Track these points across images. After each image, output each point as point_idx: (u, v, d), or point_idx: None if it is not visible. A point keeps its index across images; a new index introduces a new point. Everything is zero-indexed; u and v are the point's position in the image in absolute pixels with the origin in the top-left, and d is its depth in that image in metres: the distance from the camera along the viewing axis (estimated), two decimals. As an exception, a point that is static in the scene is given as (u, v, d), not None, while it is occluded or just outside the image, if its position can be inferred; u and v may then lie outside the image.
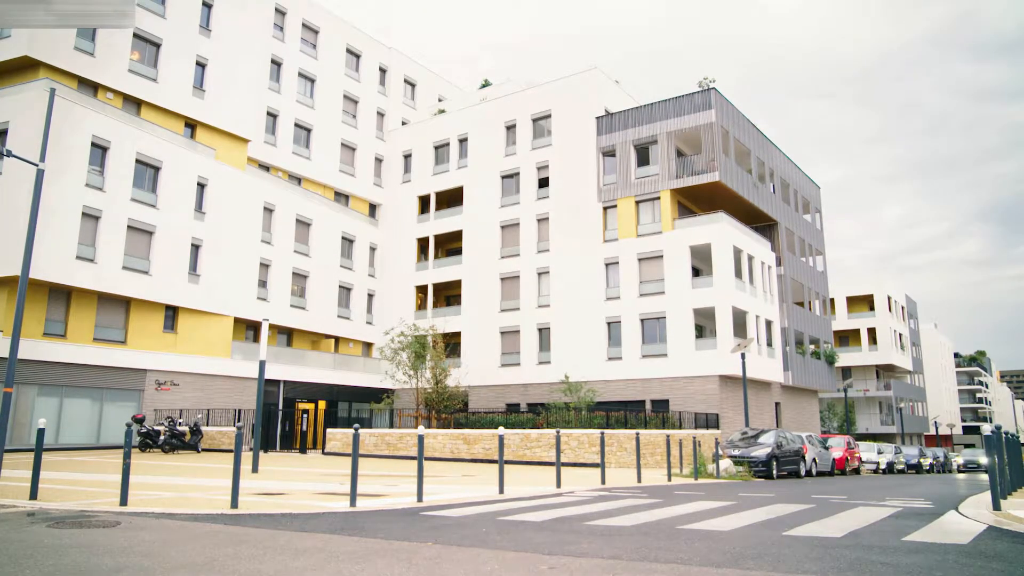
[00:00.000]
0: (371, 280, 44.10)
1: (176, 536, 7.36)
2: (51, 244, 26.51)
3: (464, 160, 43.38)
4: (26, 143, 25.56)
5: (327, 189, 43.37)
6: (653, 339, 35.11)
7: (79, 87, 30.11)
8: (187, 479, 14.88)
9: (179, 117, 33.93)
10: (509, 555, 6.44)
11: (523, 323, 38.89)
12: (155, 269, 30.89)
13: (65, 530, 7.54)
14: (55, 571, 5.42)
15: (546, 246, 38.97)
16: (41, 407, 27.13)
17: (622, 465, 22.78)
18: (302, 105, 41.67)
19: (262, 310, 34.77)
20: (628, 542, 7.31)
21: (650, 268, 35.68)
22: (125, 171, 30.07)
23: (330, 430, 29.63)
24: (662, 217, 35.78)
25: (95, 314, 29.43)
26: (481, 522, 8.81)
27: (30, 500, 9.97)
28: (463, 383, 35.56)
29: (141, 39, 32.25)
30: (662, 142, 36.39)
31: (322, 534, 7.58)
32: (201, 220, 33.26)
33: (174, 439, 26.62)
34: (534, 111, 40.75)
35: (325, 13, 43.93)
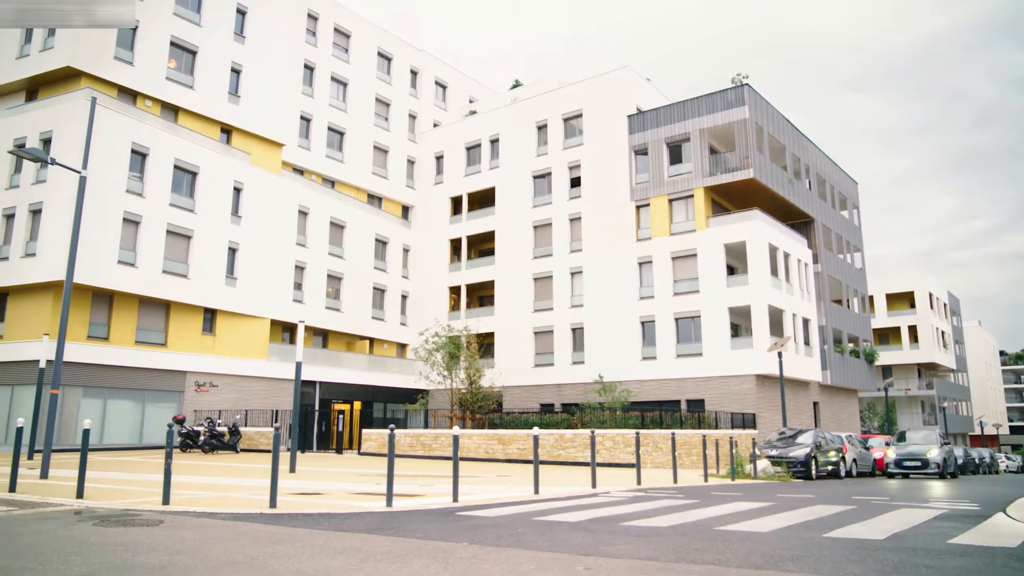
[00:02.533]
0: (404, 281, 44.38)
1: (217, 535, 7.48)
2: (94, 249, 27.13)
3: (496, 161, 43.46)
4: (69, 151, 26.23)
5: (360, 192, 43.76)
6: (688, 338, 34.81)
7: (119, 95, 30.79)
8: (226, 479, 15.11)
9: (215, 123, 34.50)
10: (545, 555, 6.42)
11: (556, 323, 38.84)
12: (193, 273, 31.45)
13: (110, 528, 7.71)
14: (102, 568, 5.54)
15: (579, 246, 38.87)
16: (86, 408, 27.78)
17: (657, 465, 22.62)
18: (335, 109, 42.11)
19: (298, 312, 35.19)
20: (665, 543, 7.25)
21: (684, 267, 35.38)
22: (164, 177, 30.67)
23: (365, 431, 29.88)
24: (696, 215, 35.46)
25: (136, 317, 30.06)
26: (517, 522, 8.81)
27: (77, 499, 10.21)
28: (497, 383, 35.60)
29: (178, 47, 32.86)
30: (695, 139, 36.07)
31: (359, 534, 7.64)
32: (237, 224, 33.78)
33: (214, 439, 27.06)
34: (565, 110, 40.68)
35: (356, 17, 44.33)
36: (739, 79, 36.39)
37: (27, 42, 30.77)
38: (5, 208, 29.15)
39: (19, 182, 29.20)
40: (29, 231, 28.22)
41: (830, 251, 42.89)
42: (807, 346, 37.29)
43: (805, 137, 42.20)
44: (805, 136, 42.28)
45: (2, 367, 27.93)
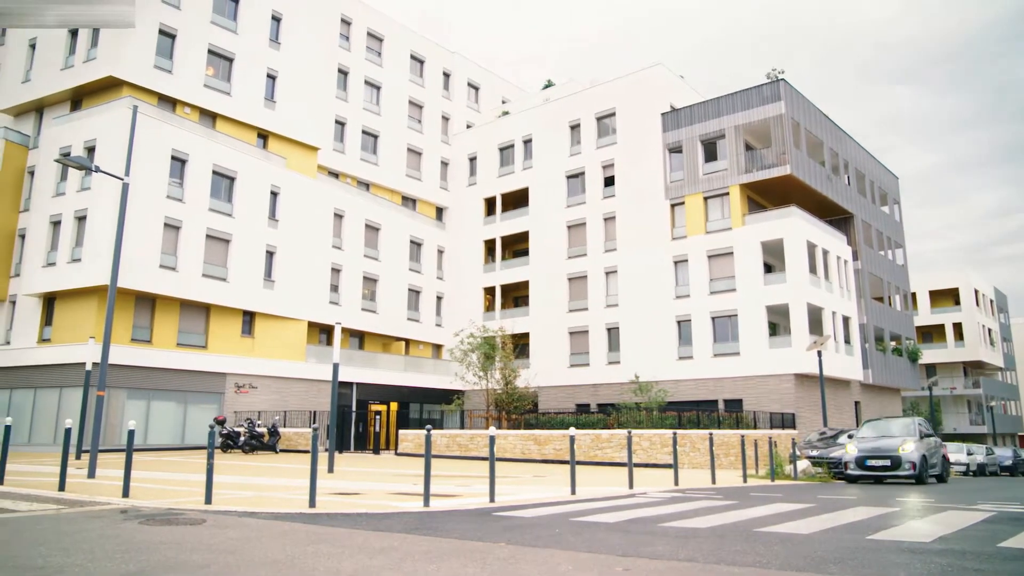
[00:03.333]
0: (439, 283, 44.61)
1: (258, 534, 7.58)
2: (136, 254, 27.73)
3: (529, 161, 43.47)
4: (112, 158, 26.86)
5: (394, 194, 44.10)
6: (725, 338, 34.43)
7: (159, 103, 31.44)
8: (266, 479, 15.32)
9: (252, 128, 35.04)
10: (583, 556, 6.40)
11: (591, 323, 38.70)
12: (232, 276, 31.97)
13: (155, 527, 7.87)
14: (148, 566, 5.65)
15: (613, 245, 38.68)
16: (131, 409, 28.42)
17: (695, 466, 22.40)
18: (369, 112, 42.49)
19: (334, 314, 35.57)
20: (703, 544, 7.17)
21: (720, 265, 35.01)
22: (203, 182, 31.24)
23: (402, 431, 30.09)
24: (731, 213, 35.06)
25: (178, 320, 30.66)
26: (554, 523, 8.79)
27: (123, 498, 10.43)
28: (532, 384, 35.60)
29: (215, 55, 33.45)
30: (730, 136, 35.67)
31: (397, 533, 7.69)
32: (275, 227, 34.26)
33: (253, 440, 27.47)
34: (598, 109, 40.52)
35: (389, 21, 44.69)
36: (774, 74, 35.90)
37: (71, 53, 31.59)
38: (52, 215, 29.96)
39: (65, 190, 29.99)
40: (75, 237, 28.96)
41: (870, 247, 42.08)
42: (847, 345, 36.64)
43: (843, 132, 41.46)
44: (843, 131, 41.54)
45: (51, 370, 28.69)
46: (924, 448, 18.33)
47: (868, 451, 18.28)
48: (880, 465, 17.95)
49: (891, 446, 18.18)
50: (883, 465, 17.92)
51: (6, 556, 6.02)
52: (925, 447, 18.43)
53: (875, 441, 18.71)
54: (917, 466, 17.68)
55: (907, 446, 17.94)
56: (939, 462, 19.41)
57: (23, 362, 29.81)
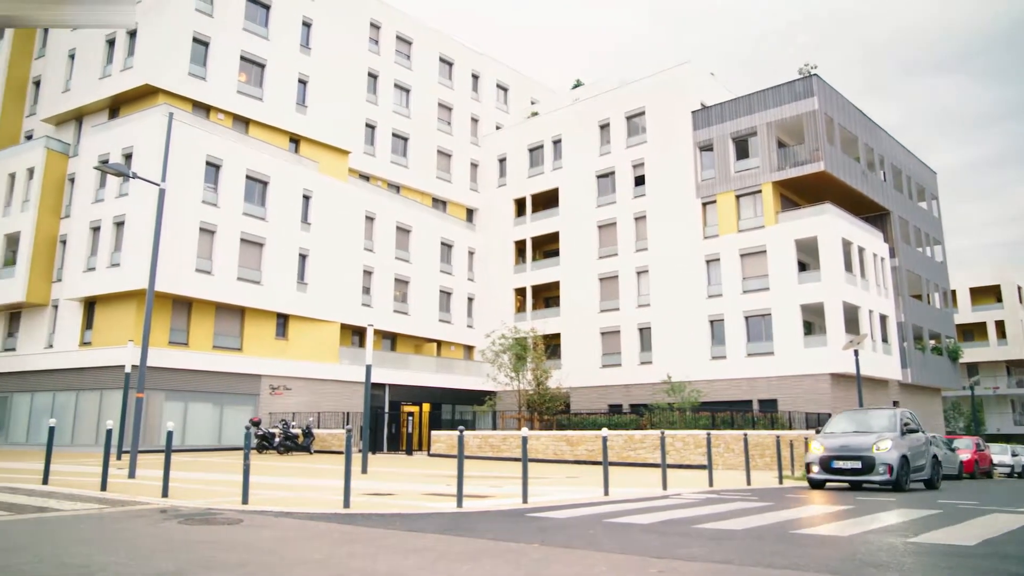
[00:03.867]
0: (470, 284, 44.73)
1: (294, 534, 7.66)
2: (173, 258, 28.22)
3: (559, 161, 43.41)
4: (149, 165, 27.38)
5: (425, 196, 44.33)
6: (759, 337, 34.03)
7: (193, 110, 31.97)
8: (301, 479, 15.49)
9: (284, 133, 35.47)
10: (617, 557, 6.36)
11: (623, 323, 38.52)
12: (266, 279, 32.39)
13: (194, 526, 7.99)
14: (187, 564, 5.74)
15: (644, 245, 38.46)
16: (169, 411, 28.93)
17: (729, 467, 22.17)
18: (398, 115, 42.78)
19: (366, 316, 35.84)
20: (739, 546, 7.09)
21: (753, 264, 34.61)
22: (236, 187, 31.70)
23: (435, 432, 30.21)
24: (764, 211, 34.65)
25: (214, 323, 31.14)
26: (587, 524, 8.75)
27: (162, 498, 10.62)
28: (564, 384, 35.49)
29: (248, 61, 33.93)
30: (762, 133, 35.25)
31: (431, 534, 7.72)
32: (307, 231, 34.64)
33: (288, 441, 27.79)
34: (628, 109, 40.32)
35: (418, 24, 44.96)
36: (807, 69, 35.42)
37: (109, 63, 32.27)
38: (92, 221, 30.63)
39: (104, 196, 30.64)
40: (114, 242, 29.58)
41: (908, 244, 41.29)
42: (885, 343, 35.99)
43: (878, 127, 40.74)
44: (878, 126, 40.82)
45: (92, 372, 29.33)
46: (906, 446, 14.80)
47: (835, 450, 14.75)
48: (849, 468, 14.48)
49: (863, 444, 14.60)
50: (853, 468, 14.44)
51: (52, 554, 6.15)
52: (908, 445, 14.93)
53: (845, 437, 15.26)
54: (895, 469, 14.12)
55: (883, 444, 14.35)
56: (928, 464, 16.03)
57: (65, 365, 30.52)
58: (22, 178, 33.63)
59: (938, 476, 16.72)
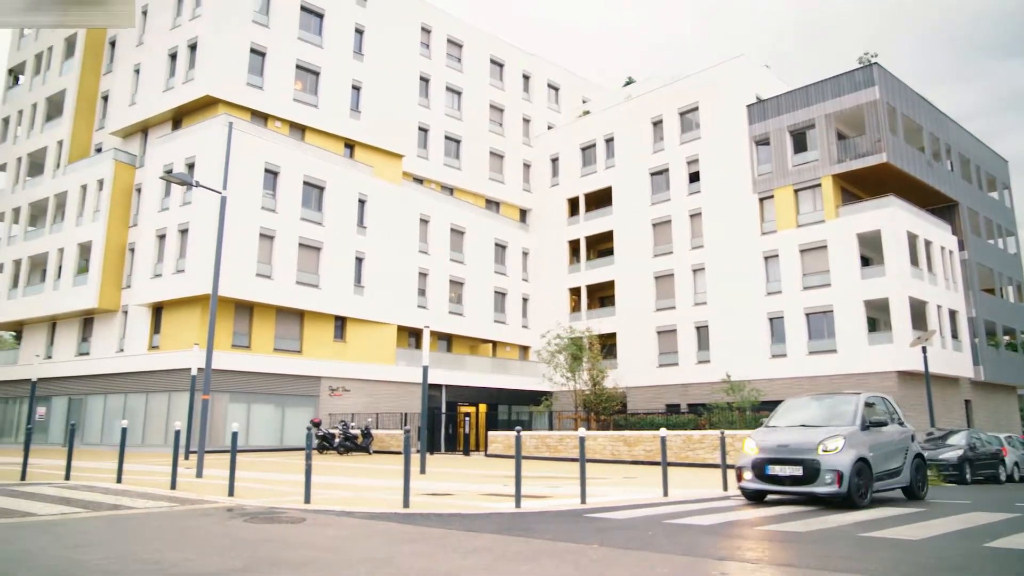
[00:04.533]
0: (525, 284, 44.77)
1: (355, 533, 7.78)
2: (235, 264, 28.96)
3: (611, 160, 43.13)
4: (211, 173, 28.18)
5: (478, 197, 44.55)
6: (820, 334, 33.20)
7: (252, 119, 32.77)
8: (361, 479, 15.73)
9: (339, 139, 36.08)
10: (678, 559, 6.27)
11: (679, 322, 38.03)
12: (324, 282, 32.99)
13: (259, 525, 8.19)
14: (253, 562, 5.88)
15: (700, 242, 37.90)
16: (233, 412, 29.72)
17: (792, 467, 21.65)
18: (450, 118, 43.10)
19: (422, 317, 36.20)
20: (804, 548, 6.92)
21: (813, 259, 33.78)
22: (294, 193, 32.37)
23: (491, 433, 30.32)
24: (824, 205, 33.79)
25: (274, 326, 31.87)
26: (647, 524, 8.66)
27: (228, 497, 10.91)
28: (621, 384, 35.21)
29: (303, 69, 34.62)
30: (820, 125, 34.37)
31: (490, 534, 7.74)
32: (363, 234, 35.17)
33: (348, 441, 28.24)
34: (681, 105, 39.80)
35: (468, 27, 45.21)
36: (867, 58, 34.42)
37: (171, 75, 33.32)
38: (158, 229, 31.69)
39: (169, 205, 31.66)
40: (179, 249, 30.53)
41: (978, 236, 39.73)
42: (955, 340, 34.70)
43: (944, 115, 39.31)
44: (944, 114, 39.39)
45: (160, 375, 30.34)
46: (866, 445, 11.04)
47: (772, 450, 11.18)
48: (788, 475, 10.85)
49: (807, 443, 10.92)
50: (792, 475, 10.81)
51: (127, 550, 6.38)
52: (869, 444, 11.17)
53: (788, 433, 11.59)
54: (845, 477, 10.36)
55: (831, 443, 10.68)
56: (906, 467, 12.16)
57: (135, 368, 31.63)
58: (93, 189, 35.00)
59: (922, 482, 12.63)
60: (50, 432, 34.99)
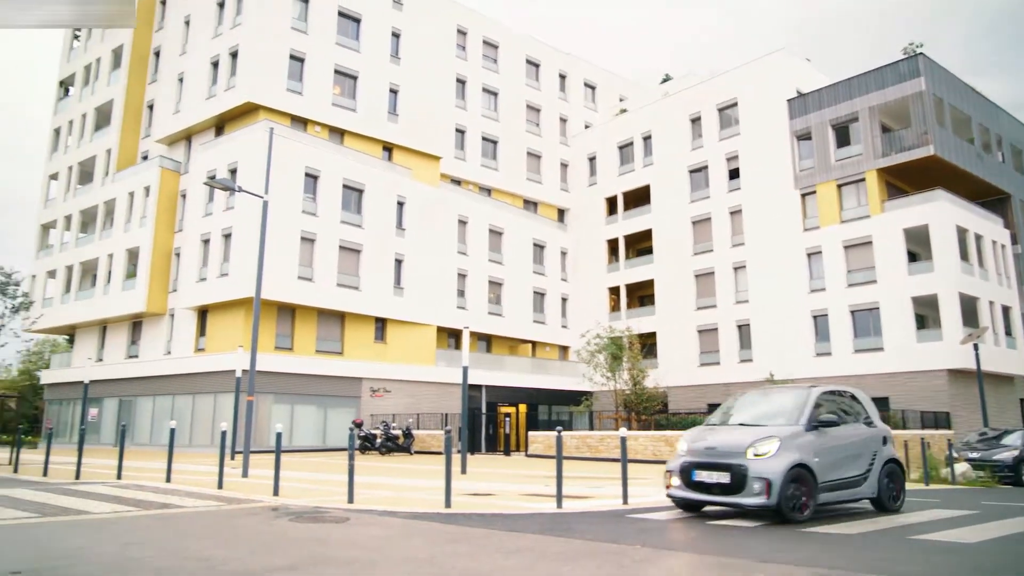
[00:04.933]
0: (563, 284, 44.68)
1: (398, 532, 7.85)
2: (277, 267, 29.43)
3: (649, 158, 42.80)
4: (253, 178, 28.68)
5: (516, 198, 44.59)
6: (866, 332, 32.51)
7: (292, 124, 33.28)
8: (403, 479, 15.85)
9: (377, 142, 36.43)
10: (721, 560, 6.20)
11: (721, 320, 37.58)
12: (364, 284, 33.34)
13: (304, 524, 8.31)
14: (300, 560, 5.97)
15: (741, 239, 37.40)
16: (276, 413, 30.21)
17: (838, 468, 21.24)
18: (487, 119, 43.21)
19: (461, 318, 36.34)
20: (849, 550, 6.78)
21: (858, 256, 33.09)
22: (334, 196, 32.78)
23: (532, 433, 30.31)
24: (869, 200, 33.08)
25: (316, 328, 32.31)
26: (689, 526, 8.58)
27: (273, 496, 11.09)
28: (661, 384, 34.87)
29: (341, 74, 35.04)
30: (864, 119, 33.65)
31: (531, 534, 7.74)
32: (402, 236, 35.46)
33: (389, 442, 28.48)
34: (719, 101, 39.33)
35: (504, 28, 45.29)
36: (912, 49, 33.62)
37: (214, 83, 34.01)
38: (202, 234, 32.36)
39: (212, 210, 32.32)
40: (223, 253, 31.14)
41: (1031, 230, 38.48)
42: (1009, 337, 33.68)
43: (994, 105, 38.20)
44: (994, 104, 38.26)
45: (206, 377, 30.97)
46: (810, 449, 9.16)
47: (700, 453, 9.50)
48: (715, 482, 9.16)
49: (737, 446, 9.19)
50: (720, 483, 9.10)
51: (178, 548, 6.53)
52: (815, 447, 9.24)
53: (722, 433, 9.82)
54: (774, 487, 8.60)
55: (763, 446, 8.96)
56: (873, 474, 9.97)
57: (182, 370, 32.34)
58: (140, 196, 35.90)
59: (897, 492, 10.34)
60: (102, 433, 35.97)
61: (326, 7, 34.68)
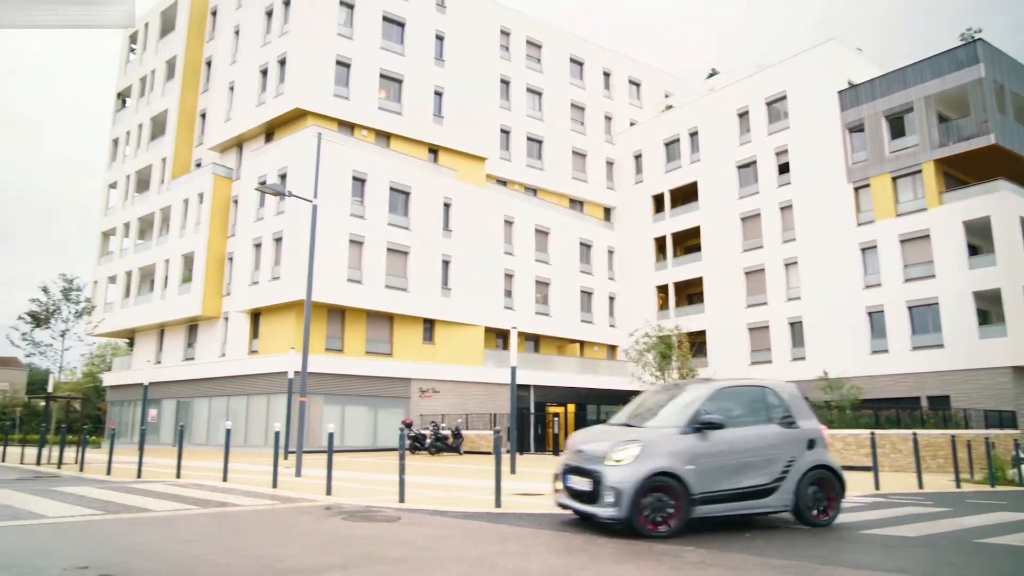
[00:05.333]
0: (611, 283, 44.42)
1: (449, 532, 7.88)
2: (326, 270, 29.88)
3: (696, 154, 42.26)
4: (302, 183, 29.19)
5: (561, 197, 44.47)
6: (924, 328, 31.54)
7: (339, 128, 33.75)
8: (453, 479, 15.95)
9: (423, 144, 36.72)
10: (777, 563, 6.08)
11: (772, 318, 36.90)
12: (412, 286, 33.63)
13: (356, 523, 8.41)
14: (352, 558, 6.05)
15: (791, 235, 36.66)
16: (328, 414, 30.67)
17: (897, 469, 20.68)
18: (532, 119, 43.18)
19: (509, 318, 36.39)
20: (913, 555, 6.58)
21: (915, 250, 32.14)
22: (381, 199, 33.15)
23: (579, 432, 30.17)
24: (926, 192, 32.10)
25: (365, 330, 32.72)
26: (745, 526, 8.43)
27: (326, 496, 11.26)
28: (711, 383, 34.35)
29: (386, 78, 35.42)
30: (919, 108, 32.66)
31: (583, 534, 7.70)
32: (448, 237, 35.67)
33: (438, 442, 28.68)
34: (768, 94, 38.62)
35: (547, 27, 45.19)
36: (969, 35, 32.53)
37: (263, 91, 34.71)
38: (254, 238, 33.06)
39: (263, 215, 32.98)
40: (274, 257, 31.76)
41: (1100, 220, 36.86)
42: (1076, 331, 32.30)
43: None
44: (1059, 90, 36.71)
45: (259, 378, 31.62)
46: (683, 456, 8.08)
47: (573, 458, 8.82)
48: (581, 489, 8.35)
49: (600, 450, 8.38)
50: (584, 490, 8.28)
51: (236, 545, 6.67)
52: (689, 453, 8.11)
53: (598, 437, 9.05)
54: (623, 499, 7.67)
55: (621, 452, 8.08)
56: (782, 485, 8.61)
57: (236, 372, 33.08)
58: (194, 203, 36.86)
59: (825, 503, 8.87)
60: (161, 433, 37.01)
61: (371, 12, 35.09)
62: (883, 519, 9.24)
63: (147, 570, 5.53)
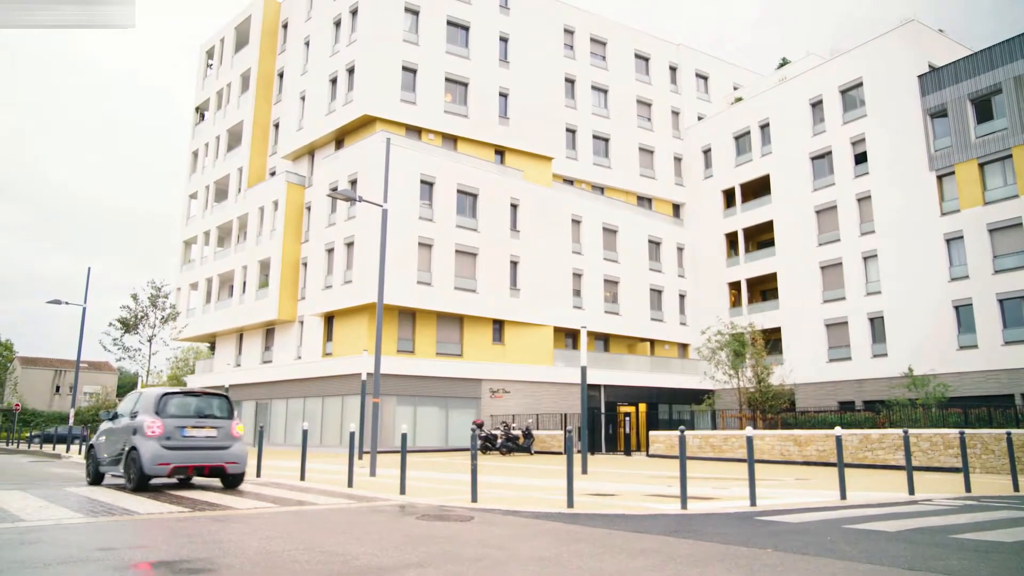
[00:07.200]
0: (681, 280, 43.75)
1: (522, 532, 7.90)
2: (397, 272, 30.39)
3: (767, 147, 41.22)
4: (372, 187, 29.75)
5: (629, 195, 44.03)
6: (1017, 322, 29.98)
7: (407, 133, 34.28)
8: (524, 479, 15.97)
9: (489, 146, 36.93)
10: (862, 567, 5.86)
11: (851, 313, 35.67)
12: (481, 287, 33.87)
13: (430, 522, 8.51)
14: (427, 558, 6.12)
15: (870, 227, 35.37)
16: (400, 414, 31.18)
17: (989, 470, 19.69)
18: (597, 117, 42.89)
19: (578, 318, 36.26)
20: (1012, 561, 6.25)
21: (1006, 239, 30.58)
22: (449, 201, 33.50)
23: (653, 432, 29.85)
24: (1017, 178, 30.51)
25: (435, 331, 33.11)
26: (824, 529, 8.17)
27: (400, 495, 11.44)
28: (787, 381, 33.51)
29: (452, 82, 35.79)
30: (1008, 90, 31.06)
31: (656, 535, 7.60)
32: (516, 238, 35.77)
33: (509, 442, 28.80)
34: (842, 82, 37.36)
35: (611, 24, 44.82)
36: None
37: (333, 99, 35.55)
38: (327, 243, 33.88)
39: (335, 220, 33.77)
40: (346, 261, 32.48)
41: None
42: None
43: None
44: None
45: (333, 380, 32.39)
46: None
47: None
48: None
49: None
50: None
51: (314, 542, 6.84)
52: None
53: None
54: None
55: None
56: (122, 461, 11.77)
57: (312, 374, 33.98)
58: (269, 210, 38.03)
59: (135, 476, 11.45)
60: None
61: (435, 17, 35.51)
62: (975, 523, 8.82)
63: (231, 565, 5.72)
